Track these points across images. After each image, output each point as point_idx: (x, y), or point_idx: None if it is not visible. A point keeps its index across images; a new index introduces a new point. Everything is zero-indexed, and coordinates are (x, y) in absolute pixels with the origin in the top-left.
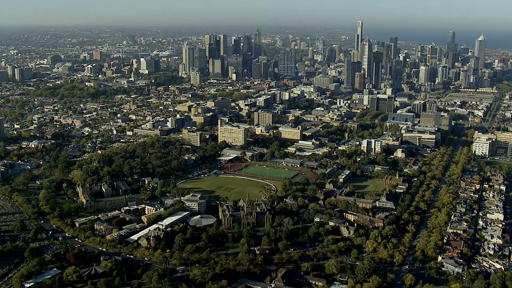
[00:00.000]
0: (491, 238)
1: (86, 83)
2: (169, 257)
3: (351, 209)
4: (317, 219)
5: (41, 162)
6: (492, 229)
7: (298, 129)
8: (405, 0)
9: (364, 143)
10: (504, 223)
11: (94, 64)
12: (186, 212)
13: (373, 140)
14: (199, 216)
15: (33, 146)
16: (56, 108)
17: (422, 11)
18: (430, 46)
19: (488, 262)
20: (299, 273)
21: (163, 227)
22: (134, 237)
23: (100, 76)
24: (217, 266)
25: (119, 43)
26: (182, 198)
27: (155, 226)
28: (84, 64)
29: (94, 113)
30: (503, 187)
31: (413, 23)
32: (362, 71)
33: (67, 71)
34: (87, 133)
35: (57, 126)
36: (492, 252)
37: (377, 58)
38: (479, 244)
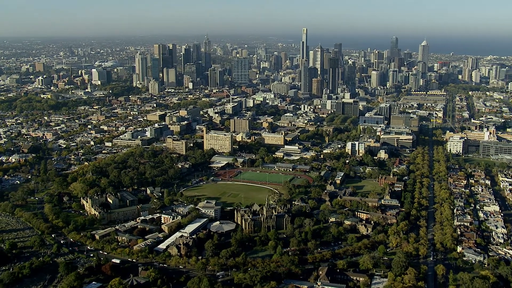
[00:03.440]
0: (496, 228)
1: (42, 95)
2: (205, 263)
3: (361, 208)
4: (332, 219)
5: (30, 176)
6: (494, 220)
7: (282, 134)
8: (342, 9)
9: (349, 145)
10: (502, 214)
11: (44, 76)
12: (205, 219)
13: (357, 143)
14: (219, 222)
15: (14, 160)
16: (19, 121)
17: (360, 19)
18: (376, 52)
19: (503, 250)
20: (340, 270)
21: (188, 235)
22: (162, 246)
23: (52, 88)
24: (259, 268)
25: (56, 54)
26: (197, 205)
27: (178, 234)
28: (31, 76)
29: (62, 125)
30: (488, 182)
31: (352, 30)
32: (318, 77)
33: (15, 83)
34: (64, 146)
35: (28, 139)
36: (502, 241)
37: (333, 64)
38: (488, 234)
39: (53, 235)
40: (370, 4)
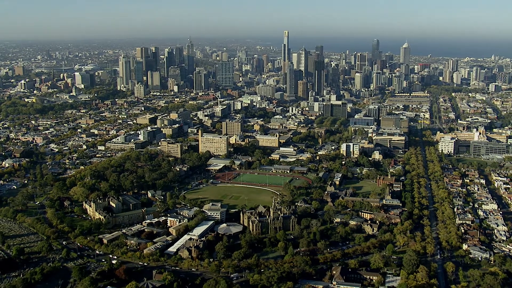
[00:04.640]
0: (497, 226)
1: (26, 99)
2: (218, 265)
3: (364, 208)
4: (337, 220)
5: (26, 181)
6: (494, 218)
7: (276, 136)
8: (317, 12)
9: (343, 147)
10: (501, 212)
11: (27, 80)
12: (212, 221)
13: (351, 144)
14: (226, 224)
15: (7, 165)
16: (5, 125)
17: (336, 21)
18: (358, 54)
19: (506, 247)
20: (353, 270)
21: (197, 237)
22: (172, 249)
23: (35, 91)
24: (273, 269)
25: (34, 58)
26: (202, 208)
27: (187, 237)
28: (12, 80)
29: (52, 129)
30: (482, 181)
31: (330, 33)
32: (303, 80)
33: None
34: (57, 150)
35: (19, 144)
36: (504, 238)
37: (318, 66)
38: (490, 232)
39: (59, 240)
40: (343, 6)
